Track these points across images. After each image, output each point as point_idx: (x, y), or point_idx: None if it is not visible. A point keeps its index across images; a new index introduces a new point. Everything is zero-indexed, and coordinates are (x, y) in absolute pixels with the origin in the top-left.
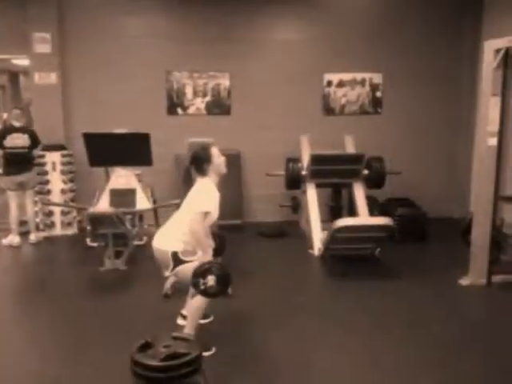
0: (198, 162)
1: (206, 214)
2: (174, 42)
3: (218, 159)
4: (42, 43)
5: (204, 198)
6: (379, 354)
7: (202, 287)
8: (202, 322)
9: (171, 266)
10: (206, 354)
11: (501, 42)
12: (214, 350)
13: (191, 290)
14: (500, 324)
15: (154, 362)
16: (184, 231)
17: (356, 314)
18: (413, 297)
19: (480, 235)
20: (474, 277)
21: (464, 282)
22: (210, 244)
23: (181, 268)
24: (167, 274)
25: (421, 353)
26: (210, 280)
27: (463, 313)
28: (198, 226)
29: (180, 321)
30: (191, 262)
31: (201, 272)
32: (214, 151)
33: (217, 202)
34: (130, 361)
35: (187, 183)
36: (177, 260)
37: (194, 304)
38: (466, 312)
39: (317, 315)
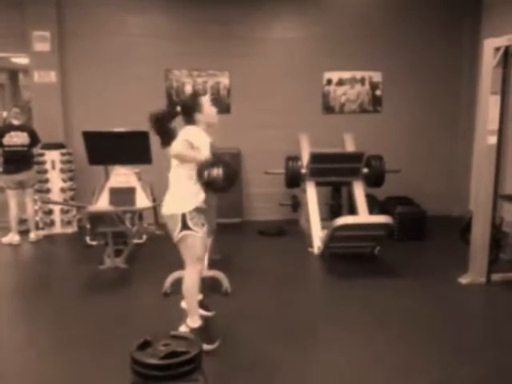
0: (188, 110)
1: (190, 144)
2: (173, 40)
3: (209, 109)
4: (42, 41)
5: (178, 140)
6: (379, 352)
7: (206, 177)
8: (206, 314)
9: (179, 228)
10: (210, 347)
11: (500, 41)
12: (218, 342)
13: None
14: (499, 322)
15: (154, 361)
16: (184, 186)
17: (356, 312)
18: (412, 295)
19: (479, 234)
20: (473, 275)
21: (463, 280)
22: (203, 222)
23: (189, 233)
24: (174, 238)
25: (421, 351)
26: (215, 171)
27: (463, 311)
28: (178, 146)
29: (184, 304)
30: (197, 233)
31: (206, 164)
32: (205, 100)
33: (204, 141)
34: (129, 359)
35: (162, 129)
36: (184, 224)
37: (187, 282)
38: (466, 310)
39: (317, 313)
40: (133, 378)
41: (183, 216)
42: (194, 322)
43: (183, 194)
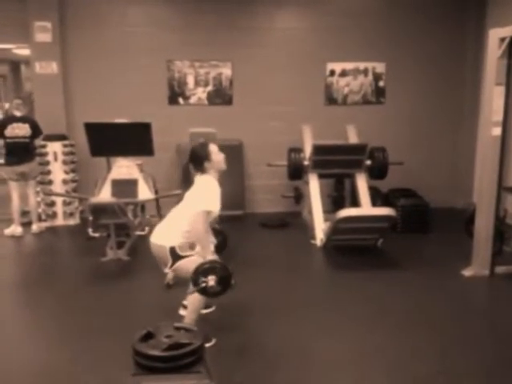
0: (197, 159)
1: (209, 212)
2: (175, 30)
3: (217, 156)
4: (43, 32)
5: (207, 195)
6: (381, 342)
7: (202, 285)
8: (204, 311)
9: (170, 262)
10: (205, 345)
11: (505, 31)
12: (214, 341)
13: (190, 286)
14: (503, 314)
15: (156, 352)
16: (184, 228)
17: (358, 304)
18: (415, 287)
19: (483, 226)
20: (476, 267)
21: (467, 272)
22: (212, 240)
23: (180, 264)
24: (166, 270)
25: (423, 342)
26: (211, 280)
27: (466, 303)
28: (199, 225)
29: (182, 311)
30: (190, 256)
31: (202, 270)
32: (213, 148)
33: (219, 199)
34: (131, 350)
35: (186, 180)
36: (175, 255)
37: (194, 298)
38: (469, 302)
39: (319, 305)
40: (135, 370)
41: (172, 249)
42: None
43: (175, 230)
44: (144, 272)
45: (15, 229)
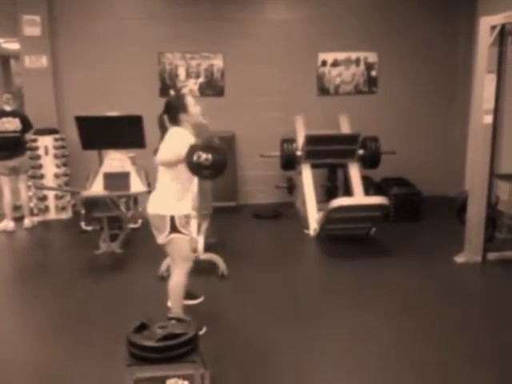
0: (172, 110)
1: (172, 159)
2: (165, 22)
3: (194, 108)
4: (32, 26)
5: (163, 147)
6: (376, 331)
7: (194, 160)
8: (192, 302)
9: (167, 232)
10: (194, 302)
11: (496, 19)
12: (205, 329)
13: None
14: (495, 300)
15: (151, 343)
16: (171, 190)
17: (352, 292)
18: (408, 275)
19: (475, 213)
20: (469, 254)
21: (459, 259)
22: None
23: (174, 237)
24: (161, 241)
25: (417, 329)
26: (204, 156)
27: (459, 290)
28: (163, 157)
29: (170, 303)
30: (186, 236)
31: (197, 147)
32: (190, 100)
33: (182, 144)
34: (126, 341)
35: (161, 131)
36: (173, 227)
37: (173, 281)
38: (462, 289)
39: (313, 294)
40: (130, 360)
41: (172, 219)
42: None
43: (170, 196)
44: (137, 264)
45: (7, 224)
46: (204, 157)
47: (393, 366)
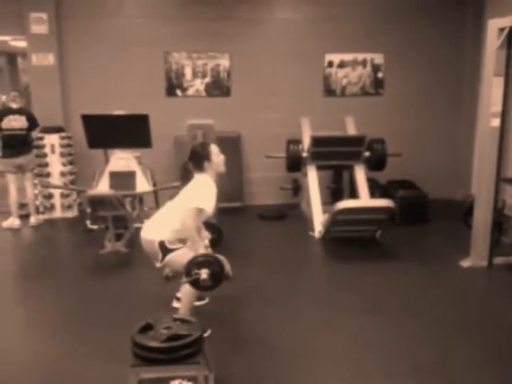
0: (197, 159)
1: (201, 210)
2: (172, 21)
3: (217, 157)
4: (39, 24)
5: (201, 193)
6: (380, 334)
7: (194, 277)
8: (198, 303)
9: (160, 256)
10: (199, 303)
11: (505, 21)
12: (209, 331)
13: (183, 277)
14: (500, 305)
15: (155, 344)
16: (174, 224)
17: (356, 295)
18: (414, 279)
19: (481, 217)
20: (475, 259)
21: (465, 263)
22: (206, 235)
23: (171, 257)
24: (158, 265)
25: (422, 333)
26: (204, 273)
27: (464, 294)
28: (190, 222)
29: (175, 304)
30: (179, 248)
31: (196, 263)
32: (214, 149)
33: (214, 199)
34: (130, 342)
35: (184, 179)
36: (164, 249)
37: (186, 289)
38: (467, 293)
39: (317, 296)
40: (134, 361)
41: (161, 243)
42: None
43: (166, 225)
44: (142, 264)
45: (13, 221)
46: (203, 277)
47: (396, 369)
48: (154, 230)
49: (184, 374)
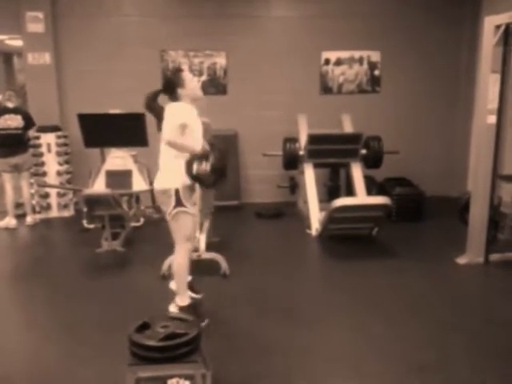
0: (170, 86)
1: (182, 126)
2: (168, 20)
3: (191, 82)
4: (35, 22)
5: (176, 113)
6: (377, 332)
7: (194, 172)
8: (194, 296)
9: (172, 205)
10: (194, 295)
11: (501, 18)
12: (206, 321)
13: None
14: (497, 302)
15: (152, 342)
16: (174, 165)
17: (353, 293)
18: (410, 276)
19: (478, 214)
20: (471, 255)
21: (461, 260)
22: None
23: (178, 214)
24: (168, 215)
25: (419, 330)
26: (204, 165)
27: (460, 291)
28: (172, 138)
29: (172, 308)
30: (190, 212)
31: (198, 157)
32: (187, 75)
33: (193, 116)
34: (128, 341)
35: (151, 107)
36: (178, 200)
37: (177, 261)
38: (464, 290)
39: (314, 294)
40: (131, 360)
41: (177, 191)
42: (182, 301)
43: (174, 171)
44: (139, 263)
45: (9, 221)
46: (203, 167)
47: (393, 366)
48: (167, 178)
49: (181, 373)
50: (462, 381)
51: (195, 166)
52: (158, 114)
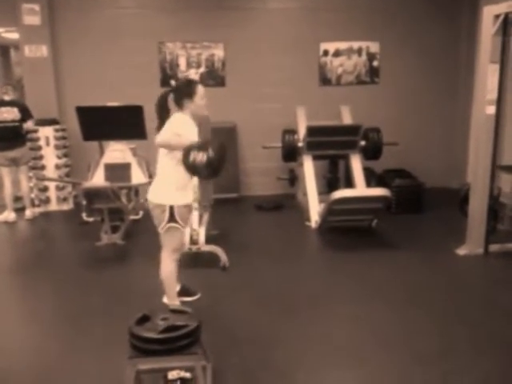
0: (180, 93)
1: (177, 134)
2: (166, 11)
3: (200, 100)
4: (31, 15)
5: (174, 123)
6: (378, 323)
7: (191, 161)
8: (188, 299)
9: (166, 220)
10: (190, 299)
11: (500, 8)
12: (199, 295)
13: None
14: (497, 293)
15: (152, 335)
16: (172, 178)
17: (354, 285)
18: (410, 267)
19: (477, 205)
20: (471, 246)
21: (461, 251)
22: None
23: (170, 228)
24: (160, 229)
25: (420, 321)
26: (200, 156)
27: (461, 281)
28: (163, 138)
29: (165, 299)
30: (182, 227)
31: (192, 148)
32: (200, 90)
33: (191, 129)
34: (128, 333)
35: (159, 108)
36: (172, 216)
37: (165, 269)
38: (464, 281)
39: (314, 286)
40: (131, 352)
41: (171, 208)
42: (173, 302)
43: (172, 185)
44: (139, 256)
45: (8, 215)
46: (199, 158)
47: (394, 356)
48: (163, 193)
49: (182, 365)
50: (462, 369)
51: (192, 155)
52: (164, 115)
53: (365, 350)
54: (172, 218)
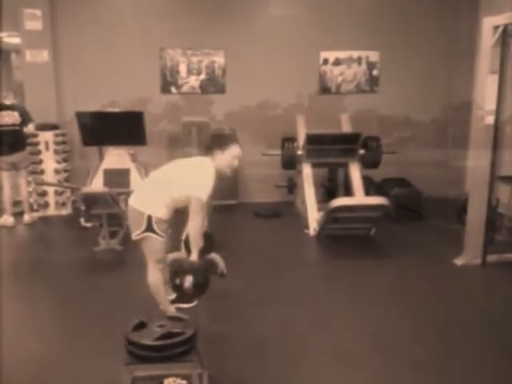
0: (215, 143)
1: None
2: (167, 18)
3: (232, 159)
4: (33, 20)
5: (206, 184)
6: (376, 331)
7: (177, 283)
8: (184, 306)
9: (142, 229)
10: (187, 305)
11: (499, 19)
12: (196, 301)
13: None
14: (494, 303)
15: (149, 341)
16: (167, 200)
17: (351, 293)
18: (407, 276)
19: (475, 215)
20: (468, 256)
21: (459, 261)
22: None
23: (149, 237)
24: (134, 236)
25: (415, 330)
26: (188, 282)
27: (458, 292)
28: (199, 218)
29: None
30: (161, 237)
31: (183, 268)
32: (235, 149)
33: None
34: (124, 340)
35: (208, 150)
36: (149, 225)
37: (151, 280)
38: (461, 291)
39: (312, 294)
40: (128, 359)
41: (149, 217)
42: (167, 309)
43: (158, 199)
44: (137, 262)
45: (7, 219)
46: (186, 285)
47: (390, 365)
48: (146, 201)
49: (178, 372)
50: (458, 379)
51: (179, 279)
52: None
53: (360, 357)
54: (150, 228)
